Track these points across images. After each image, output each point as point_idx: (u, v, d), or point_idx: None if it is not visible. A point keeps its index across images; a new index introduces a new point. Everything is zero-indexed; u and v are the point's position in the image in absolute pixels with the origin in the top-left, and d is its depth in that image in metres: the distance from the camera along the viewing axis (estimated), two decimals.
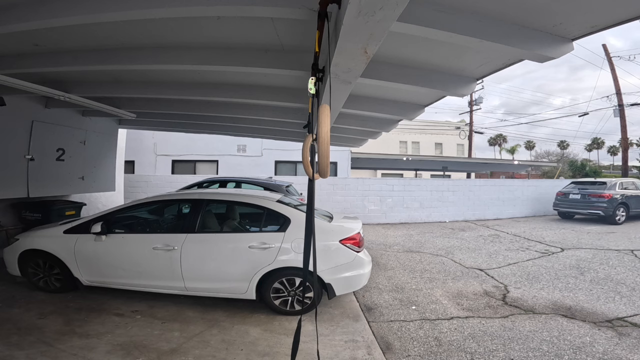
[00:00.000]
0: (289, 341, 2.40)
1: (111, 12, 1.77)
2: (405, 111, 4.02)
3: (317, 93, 1.77)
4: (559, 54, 1.99)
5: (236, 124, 5.38)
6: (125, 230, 3.37)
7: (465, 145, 26.35)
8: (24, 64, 2.80)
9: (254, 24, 2.09)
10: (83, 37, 2.40)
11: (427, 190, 10.14)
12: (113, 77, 3.48)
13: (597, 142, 55.09)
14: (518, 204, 11.12)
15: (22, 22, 1.88)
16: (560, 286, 4.04)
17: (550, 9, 1.73)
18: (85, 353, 2.37)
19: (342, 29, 1.31)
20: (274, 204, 3.26)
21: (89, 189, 5.96)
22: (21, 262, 3.40)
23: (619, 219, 9.10)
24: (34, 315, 2.92)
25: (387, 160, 16.81)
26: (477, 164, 18.89)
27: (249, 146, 12.57)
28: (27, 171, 4.64)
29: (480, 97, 21.42)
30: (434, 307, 3.42)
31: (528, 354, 2.50)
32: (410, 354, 2.53)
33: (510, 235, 7.57)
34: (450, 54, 2.46)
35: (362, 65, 1.74)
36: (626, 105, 14.85)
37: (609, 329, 2.91)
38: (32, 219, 4.76)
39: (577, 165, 22.56)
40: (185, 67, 2.64)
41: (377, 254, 5.65)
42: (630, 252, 5.71)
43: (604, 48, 14.87)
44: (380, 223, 9.51)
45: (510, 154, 52.57)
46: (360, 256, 3.17)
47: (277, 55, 2.50)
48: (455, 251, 5.98)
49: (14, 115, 4.35)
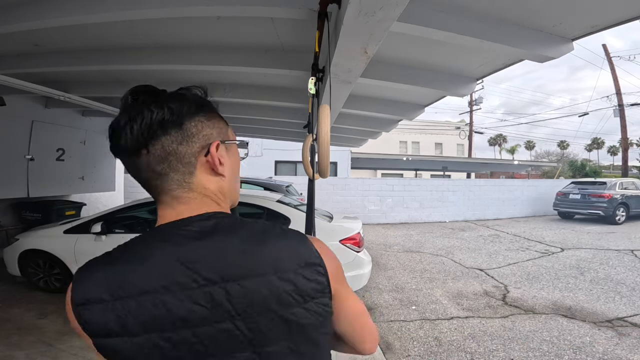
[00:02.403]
0: None
1: (111, 12, 1.76)
2: (405, 111, 4.02)
3: (317, 93, 1.77)
4: (559, 54, 1.99)
5: (236, 124, 5.38)
6: (126, 230, 3.37)
7: (465, 145, 26.35)
8: (24, 64, 2.80)
9: (254, 24, 2.09)
10: (83, 37, 2.39)
11: (427, 190, 10.14)
12: (113, 77, 3.48)
13: (597, 142, 55.13)
14: (518, 204, 11.12)
15: (22, 22, 1.88)
16: (560, 286, 4.04)
17: (550, 9, 1.72)
18: (85, 353, 2.37)
19: (342, 29, 1.31)
20: (273, 204, 3.26)
21: (89, 189, 5.96)
22: (21, 262, 3.40)
23: (619, 219, 9.10)
24: (34, 315, 2.92)
25: (387, 160, 16.81)
26: (477, 164, 18.90)
27: (248, 146, 12.59)
28: (27, 171, 4.64)
29: (480, 97, 21.44)
30: (434, 307, 3.42)
31: (528, 354, 2.50)
32: (410, 354, 2.53)
33: (510, 235, 7.57)
34: (450, 54, 2.46)
35: (362, 65, 1.74)
36: (626, 105, 14.87)
37: (609, 329, 2.91)
38: (32, 219, 4.76)
39: (577, 165, 22.56)
40: (185, 67, 2.63)
41: (377, 254, 5.65)
42: (630, 252, 5.71)
43: (604, 48, 14.89)
44: (380, 223, 9.51)
45: (510, 154, 52.62)
46: (360, 256, 3.17)
47: (277, 55, 2.49)
48: (455, 251, 5.98)
49: (14, 115, 4.34)
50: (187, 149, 0.54)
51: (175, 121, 0.54)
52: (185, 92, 0.58)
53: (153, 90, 0.56)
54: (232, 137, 0.63)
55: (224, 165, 0.58)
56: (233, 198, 0.64)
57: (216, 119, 0.60)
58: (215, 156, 0.56)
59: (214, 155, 0.56)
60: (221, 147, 0.58)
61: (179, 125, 0.54)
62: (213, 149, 0.56)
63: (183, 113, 0.55)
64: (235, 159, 0.63)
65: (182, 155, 0.54)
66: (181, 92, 0.58)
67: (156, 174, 0.54)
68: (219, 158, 0.57)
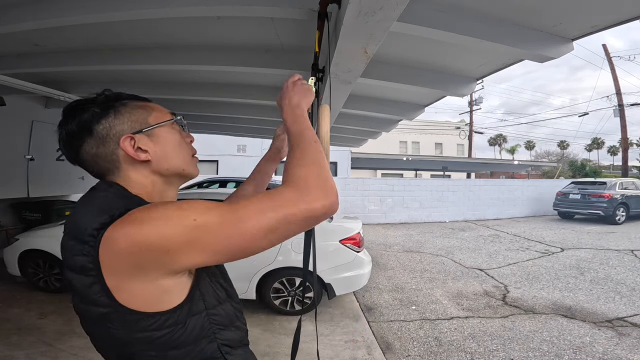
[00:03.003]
0: (289, 341, 2.40)
1: (111, 12, 1.76)
2: (405, 111, 4.02)
3: (317, 93, 1.77)
4: (559, 54, 1.99)
5: (236, 124, 5.37)
6: None
7: (465, 145, 26.35)
8: (24, 64, 2.79)
9: (254, 24, 2.09)
10: (83, 37, 2.39)
11: (427, 190, 10.14)
12: (113, 77, 3.47)
13: (597, 142, 55.12)
14: (518, 204, 11.12)
15: (22, 22, 1.88)
16: (560, 286, 4.04)
17: (550, 9, 1.72)
18: (85, 353, 2.37)
19: (342, 29, 1.31)
20: None
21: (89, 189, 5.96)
22: (21, 262, 3.40)
23: (619, 219, 9.09)
24: (34, 315, 2.92)
25: (387, 160, 16.81)
26: (477, 164, 18.90)
27: (249, 146, 12.57)
28: (27, 171, 4.64)
29: (480, 97, 21.43)
30: (434, 307, 3.42)
31: (528, 354, 2.50)
32: (410, 354, 2.53)
33: (510, 235, 7.57)
34: (450, 54, 2.46)
35: (362, 65, 1.74)
36: (626, 105, 14.87)
37: (609, 329, 2.91)
38: (32, 219, 4.76)
39: (577, 165, 22.57)
40: (185, 67, 2.63)
41: (377, 254, 5.65)
42: (630, 252, 5.71)
43: (604, 48, 14.89)
44: (380, 223, 9.51)
45: (510, 154, 52.60)
46: (360, 256, 3.17)
47: (277, 55, 2.49)
48: (455, 251, 5.98)
49: (14, 115, 4.34)
50: (104, 149, 0.62)
51: (83, 129, 0.62)
52: (95, 97, 0.65)
53: (70, 107, 0.64)
54: (154, 122, 0.66)
55: (148, 151, 0.64)
56: (179, 172, 0.69)
57: (129, 112, 0.65)
58: (128, 148, 0.62)
59: (126, 148, 0.62)
60: (140, 136, 0.64)
61: (89, 131, 0.62)
62: (122, 144, 0.62)
63: (90, 120, 0.62)
64: (164, 138, 0.67)
65: (104, 155, 0.63)
66: (90, 99, 0.65)
67: (97, 175, 0.66)
68: (137, 147, 0.63)
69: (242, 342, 0.74)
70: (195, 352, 0.60)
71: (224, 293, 0.70)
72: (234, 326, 0.70)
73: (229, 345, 0.67)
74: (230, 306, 0.70)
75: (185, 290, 0.58)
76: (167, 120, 0.69)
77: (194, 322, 0.59)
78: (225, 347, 0.66)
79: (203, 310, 0.61)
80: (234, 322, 0.71)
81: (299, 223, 0.54)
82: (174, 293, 0.57)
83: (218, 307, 0.66)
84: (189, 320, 0.59)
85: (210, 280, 0.66)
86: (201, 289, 0.62)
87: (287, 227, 0.53)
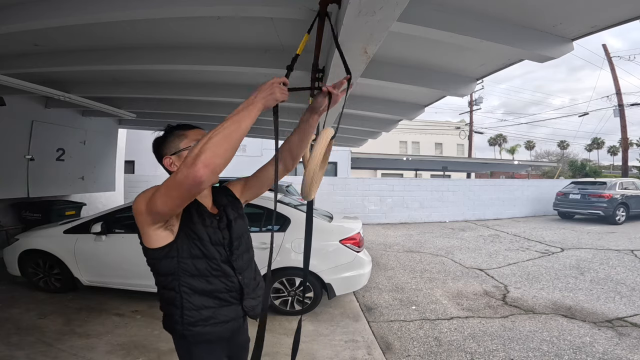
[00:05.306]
0: (289, 341, 2.40)
1: (111, 12, 1.77)
2: (405, 111, 4.02)
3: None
4: (559, 54, 1.99)
5: None
6: (126, 230, 3.37)
7: (465, 145, 26.34)
8: (24, 64, 2.79)
9: (254, 24, 2.09)
10: (83, 37, 2.39)
11: (427, 190, 10.14)
12: (113, 77, 3.48)
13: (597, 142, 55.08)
14: (518, 204, 11.12)
15: (22, 22, 1.88)
16: (560, 286, 4.04)
17: (550, 9, 1.72)
18: (85, 353, 2.38)
19: (342, 29, 1.31)
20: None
21: (89, 189, 5.96)
22: (21, 262, 3.40)
23: (619, 219, 9.10)
24: (34, 315, 2.92)
25: (387, 160, 16.81)
26: (477, 164, 18.90)
27: (249, 146, 12.55)
28: (27, 171, 4.64)
29: (480, 97, 21.42)
30: (434, 307, 3.42)
31: (528, 354, 2.50)
32: (410, 354, 2.53)
33: (510, 235, 7.57)
34: (450, 54, 2.46)
35: (362, 65, 1.74)
36: (626, 105, 14.86)
37: (609, 329, 2.91)
38: (32, 219, 4.76)
39: (577, 165, 22.58)
40: (185, 67, 2.63)
41: (377, 254, 5.65)
42: (630, 252, 5.72)
43: (604, 48, 14.88)
44: (380, 223, 9.52)
45: (510, 154, 52.54)
46: (360, 256, 3.17)
47: (277, 55, 2.49)
48: (455, 251, 5.98)
49: (14, 115, 4.34)
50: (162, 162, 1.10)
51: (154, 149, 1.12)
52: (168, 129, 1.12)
53: (164, 132, 1.13)
54: (182, 147, 1.05)
55: (177, 166, 1.03)
56: None
57: (171, 140, 1.08)
58: (166, 163, 1.07)
59: (164, 163, 1.08)
60: (174, 157, 1.06)
61: (155, 150, 1.12)
62: (164, 161, 1.08)
63: (155, 143, 1.11)
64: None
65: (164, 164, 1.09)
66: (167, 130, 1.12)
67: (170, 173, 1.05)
68: (170, 164, 1.06)
69: (213, 295, 1.03)
70: (167, 281, 1.01)
71: (200, 252, 1.01)
72: (204, 278, 1.01)
73: (190, 289, 1.00)
74: (205, 264, 1.01)
75: (167, 240, 0.97)
76: (189, 146, 1.02)
77: (167, 262, 0.99)
78: (185, 288, 1.00)
79: (175, 256, 0.98)
80: (206, 276, 1.01)
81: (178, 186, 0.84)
82: (159, 239, 0.96)
83: (188, 260, 0.99)
84: (164, 260, 0.99)
85: (189, 241, 1.00)
86: (178, 244, 0.98)
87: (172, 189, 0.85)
